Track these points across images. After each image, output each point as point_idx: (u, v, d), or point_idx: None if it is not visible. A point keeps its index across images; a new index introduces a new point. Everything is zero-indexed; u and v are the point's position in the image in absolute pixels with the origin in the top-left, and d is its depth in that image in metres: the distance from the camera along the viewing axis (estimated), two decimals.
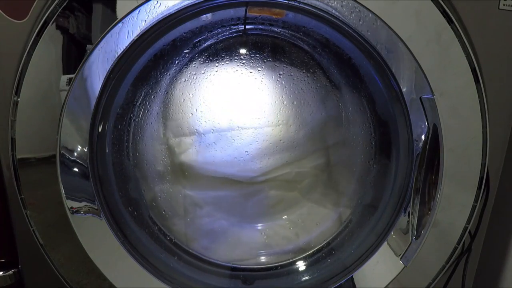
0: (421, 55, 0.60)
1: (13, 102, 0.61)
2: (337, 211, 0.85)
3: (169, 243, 0.81)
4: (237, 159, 0.83)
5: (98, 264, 0.68)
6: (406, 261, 0.69)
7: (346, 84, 0.80)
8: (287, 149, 0.83)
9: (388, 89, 0.67)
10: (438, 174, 0.64)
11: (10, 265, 0.73)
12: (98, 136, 0.68)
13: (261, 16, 0.72)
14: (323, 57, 0.78)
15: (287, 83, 0.80)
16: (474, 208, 0.66)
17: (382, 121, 0.77)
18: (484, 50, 0.61)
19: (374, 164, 0.80)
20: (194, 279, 0.78)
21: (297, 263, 0.83)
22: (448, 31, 0.59)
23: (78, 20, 0.59)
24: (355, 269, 0.73)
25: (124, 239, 0.71)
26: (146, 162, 0.81)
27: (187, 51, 0.77)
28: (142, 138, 0.80)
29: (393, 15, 0.59)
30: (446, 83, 0.61)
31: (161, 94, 0.79)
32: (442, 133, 0.62)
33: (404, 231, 0.70)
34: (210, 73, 0.79)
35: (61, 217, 0.65)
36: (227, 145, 0.82)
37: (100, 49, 0.60)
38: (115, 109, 0.72)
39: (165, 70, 0.77)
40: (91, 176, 0.67)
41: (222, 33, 0.76)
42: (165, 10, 0.60)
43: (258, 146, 0.82)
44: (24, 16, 0.59)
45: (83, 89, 0.62)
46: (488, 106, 0.62)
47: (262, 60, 0.78)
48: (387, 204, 0.74)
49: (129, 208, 0.76)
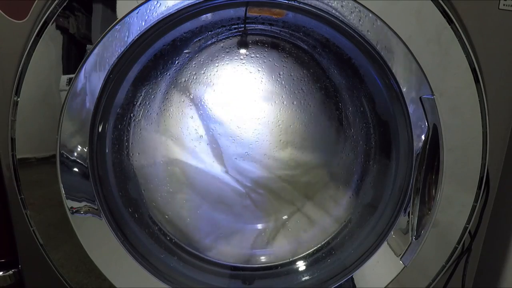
0: (421, 55, 0.60)
1: (13, 102, 0.61)
2: (337, 211, 0.85)
3: (169, 243, 0.81)
4: (237, 159, 0.83)
5: (98, 264, 0.68)
6: (406, 261, 0.69)
7: (346, 84, 0.80)
8: (287, 149, 0.83)
9: (388, 89, 0.67)
10: (438, 174, 0.64)
11: (10, 265, 0.73)
12: (98, 136, 0.68)
13: (261, 16, 0.72)
14: (323, 57, 0.78)
15: (287, 83, 0.80)
16: (474, 208, 0.66)
17: (382, 121, 0.77)
18: (484, 50, 0.61)
19: (374, 164, 0.80)
20: (194, 279, 0.78)
21: (297, 263, 0.83)
22: (448, 31, 0.59)
23: (78, 20, 0.59)
24: (355, 269, 0.73)
25: (124, 239, 0.71)
26: (146, 162, 0.81)
27: (187, 51, 0.77)
28: (142, 138, 0.80)
29: (393, 15, 0.59)
30: (446, 83, 0.61)
31: (161, 94, 0.79)
32: (442, 133, 0.62)
33: (404, 231, 0.70)
34: (210, 73, 0.79)
35: (61, 217, 0.65)
36: (227, 145, 0.82)
37: (100, 49, 0.60)
38: (115, 109, 0.72)
39: (165, 70, 0.77)
40: (91, 176, 0.67)
41: (222, 33, 0.76)
42: (165, 10, 0.60)
43: (258, 146, 0.82)
44: (24, 16, 0.59)
45: (83, 89, 0.62)
46: (488, 106, 0.62)
47: (262, 60, 0.78)
48: (387, 204, 0.74)
49: (129, 208, 0.76)
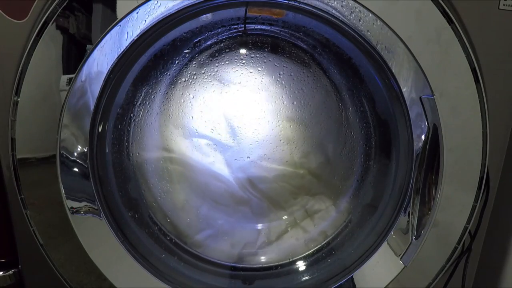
0: (421, 55, 0.60)
1: (13, 102, 0.61)
2: (337, 211, 0.85)
3: (169, 243, 0.81)
4: (237, 160, 0.83)
5: (98, 264, 0.68)
6: (406, 261, 0.69)
7: (346, 84, 0.80)
8: (287, 149, 0.83)
9: (388, 89, 0.67)
10: (438, 174, 0.64)
11: (10, 265, 0.72)
12: (98, 136, 0.68)
13: (261, 16, 0.72)
14: (323, 57, 0.78)
15: (287, 83, 0.79)
16: (474, 208, 0.66)
17: (382, 121, 0.77)
18: (484, 50, 0.61)
19: (374, 164, 0.80)
20: (194, 279, 0.78)
21: (297, 263, 0.83)
22: (448, 31, 0.59)
23: (78, 20, 0.59)
24: (355, 269, 0.73)
25: (124, 239, 0.71)
26: (146, 162, 0.81)
27: (187, 51, 0.77)
28: (142, 138, 0.80)
29: (393, 15, 0.59)
30: (446, 83, 0.61)
31: (161, 94, 0.79)
32: (442, 133, 0.62)
33: (404, 231, 0.70)
34: (210, 73, 0.79)
35: (61, 217, 0.65)
36: (227, 146, 0.82)
37: (100, 49, 0.60)
38: (115, 109, 0.72)
39: (165, 70, 0.77)
40: (91, 176, 0.67)
41: (222, 33, 0.76)
42: (165, 10, 0.60)
43: (258, 146, 0.82)
44: (24, 16, 0.59)
45: (83, 89, 0.62)
46: (488, 106, 0.62)
47: (262, 60, 0.78)
48: (387, 204, 0.74)
49: (129, 208, 0.76)
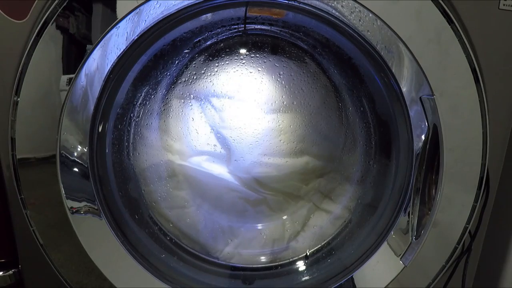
0: (421, 55, 0.60)
1: (13, 102, 0.61)
2: (337, 211, 0.85)
3: (169, 243, 0.81)
4: (237, 159, 0.83)
5: (98, 264, 0.68)
6: (406, 261, 0.69)
7: (346, 84, 0.80)
8: (287, 149, 0.83)
9: (388, 89, 0.67)
10: (438, 174, 0.64)
11: (10, 265, 0.73)
12: (98, 136, 0.68)
13: (261, 16, 0.72)
14: (323, 57, 0.78)
15: (287, 83, 0.79)
16: (474, 208, 0.66)
17: (382, 121, 0.77)
18: (484, 50, 0.61)
19: (374, 164, 0.80)
20: (194, 279, 0.78)
21: (297, 263, 0.83)
22: (448, 31, 0.59)
23: (78, 20, 0.59)
24: (355, 269, 0.73)
25: (124, 239, 0.71)
26: (146, 162, 0.81)
27: (187, 51, 0.77)
28: (142, 138, 0.80)
29: (393, 15, 0.59)
30: (446, 83, 0.61)
31: (161, 94, 0.79)
32: (442, 133, 0.62)
33: (404, 231, 0.70)
34: (210, 73, 0.79)
35: (61, 217, 0.65)
36: (227, 146, 0.82)
37: (100, 49, 0.60)
38: (115, 109, 0.72)
39: (165, 70, 0.77)
40: (91, 176, 0.67)
41: (222, 33, 0.76)
42: (165, 10, 0.60)
43: (258, 146, 0.82)
44: (24, 16, 0.59)
45: (83, 89, 0.62)
46: (488, 106, 0.62)
47: (262, 60, 0.78)
48: (387, 204, 0.74)
49: (129, 208, 0.76)
